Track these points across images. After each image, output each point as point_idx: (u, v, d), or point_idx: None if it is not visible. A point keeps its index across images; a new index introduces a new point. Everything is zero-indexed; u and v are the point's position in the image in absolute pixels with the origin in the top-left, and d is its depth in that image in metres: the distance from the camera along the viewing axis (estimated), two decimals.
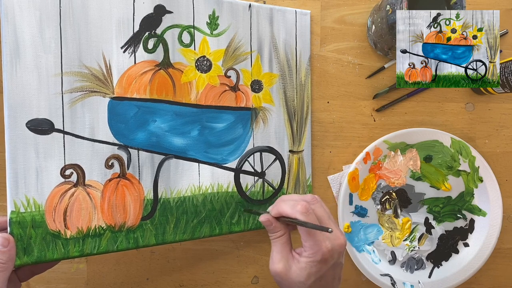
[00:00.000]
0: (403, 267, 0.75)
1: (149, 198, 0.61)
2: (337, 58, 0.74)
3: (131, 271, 0.73)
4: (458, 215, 0.76)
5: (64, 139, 0.55)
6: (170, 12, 0.61)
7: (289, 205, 0.52)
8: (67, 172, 0.56)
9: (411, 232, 0.75)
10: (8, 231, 0.53)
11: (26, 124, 0.53)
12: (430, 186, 0.75)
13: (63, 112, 0.55)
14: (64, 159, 0.56)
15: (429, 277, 0.75)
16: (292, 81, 0.71)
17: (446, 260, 0.76)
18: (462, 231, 0.76)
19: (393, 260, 0.75)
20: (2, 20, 0.52)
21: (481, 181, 0.74)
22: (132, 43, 0.59)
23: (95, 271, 0.72)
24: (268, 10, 0.68)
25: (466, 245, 0.76)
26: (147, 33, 0.60)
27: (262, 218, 0.54)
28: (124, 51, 0.59)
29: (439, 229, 0.76)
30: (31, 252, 0.54)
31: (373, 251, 0.75)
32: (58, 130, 0.55)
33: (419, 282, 0.73)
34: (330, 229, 0.47)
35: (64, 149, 0.55)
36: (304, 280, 0.50)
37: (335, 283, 0.54)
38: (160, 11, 0.60)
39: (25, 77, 0.53)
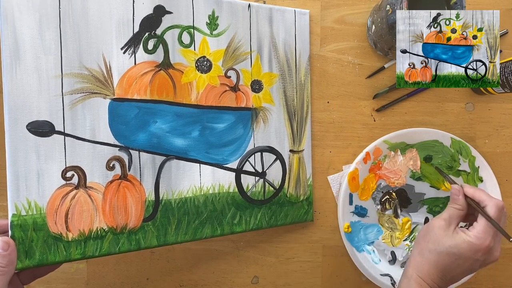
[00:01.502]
0: (403, 267, 0.75)
1: (151, 199, 0.61)
2: (337, 58, 0.74)
3: (131, 271, 0.73)
4: None
5: (65, 141, 0.55)
6: (170, 12, 0.61)
7: (487, 194, 0.58)
8: (68, 174, 0.55)
9: (411, 232, 0.76)
10: (10, 235, 0.53)
11: (27, 126, 0.53)
12: (430, 186, 0.75)
13: (63, 114, 0.55)
14: (65, 161, 0.55)
15: None
16: (292, 81, 0.71)
17: None
18: None
19: (393, 260, 0.75)
20: (2, 23, 0.51)
21: (481, 181, 0.74)
22: (132, 44, 0.59)
23: (95, 271, 0.72)
24: (268, 10, 0.68)
25: None
26: (147, 34, 0.59)
27: (456, 187, 0.60)
28: (124, 52, 0.58)
29: None
30: (32, 255, 0.53)
31: (373, 251, 0.75)
32: (59, 132, 0.55)
33: None
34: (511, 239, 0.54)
35: (65, 151, 0.55)
36: (448, 245, 0.55)
37: (459, 275, 0.57)
38: (160, 11, 0.60)
39: (25, 79, 0.53)
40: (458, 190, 0.60)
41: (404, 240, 0.75)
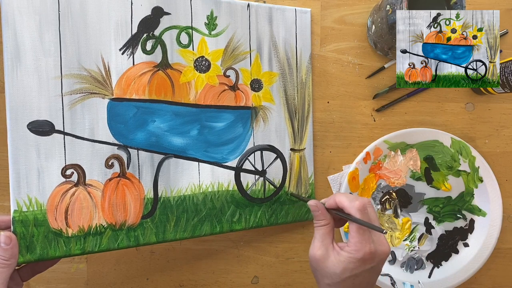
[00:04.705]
0: (403, 267, 0.75)
1: (149, 197, 0.62)
2: (337, 58, 0.74)
3: (131, 271, 0.73)
4: (458, 215, 0.75)
5: (64, 140, 0.57)
6: (168, 13, 0.62)
7: (347, 198, 0.53)
8: (68, 172, 0.57)
9: (411, 232, 0.75)
10: (12, 230, 0.54)
11: (27, 125, 0.54)
12: (430, 186, 0.75)
13: (63, 114, 0.57)
14: (65, 159, 0.57)
15: (429, 277, 0.75)
16: (292, 80, 0.71)
17: (446, 260, 0.76)
18: (462, 231, 0.76)
19: (393, 260, 0.75)
20: (3, 25, 0.53)
21: (481, 181, 0.74)
22: (130, 45, 0.60)
23: (95, 271, 0.73)
24: (267, 9, 0.68)
25: (466, 245, 0.76)
26: (145, 35, 0.60)
27: (312, 202, 0.56)
28: (123, 53, 0.59)
29: (439, 229, 0.75)
30: (33, 249, 0.55)
31: None
32: (59, 131, 0.56)
33: (419, 282, 0.73)
34: (384, 230, 0.49)
35: (65, 150, 0.57)
36: (339, 272, 0.51)
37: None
38: (158, 13, 0.61)
39: (25, 80, 0.54)
40: (316, 205, 0.56)
41: (404, 240, 0.75)
